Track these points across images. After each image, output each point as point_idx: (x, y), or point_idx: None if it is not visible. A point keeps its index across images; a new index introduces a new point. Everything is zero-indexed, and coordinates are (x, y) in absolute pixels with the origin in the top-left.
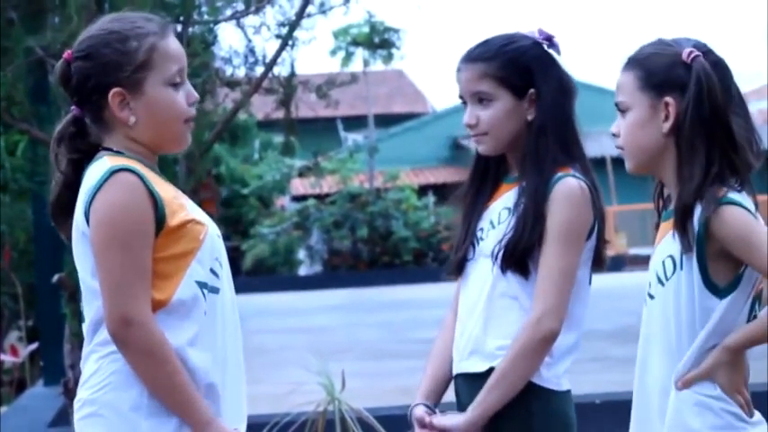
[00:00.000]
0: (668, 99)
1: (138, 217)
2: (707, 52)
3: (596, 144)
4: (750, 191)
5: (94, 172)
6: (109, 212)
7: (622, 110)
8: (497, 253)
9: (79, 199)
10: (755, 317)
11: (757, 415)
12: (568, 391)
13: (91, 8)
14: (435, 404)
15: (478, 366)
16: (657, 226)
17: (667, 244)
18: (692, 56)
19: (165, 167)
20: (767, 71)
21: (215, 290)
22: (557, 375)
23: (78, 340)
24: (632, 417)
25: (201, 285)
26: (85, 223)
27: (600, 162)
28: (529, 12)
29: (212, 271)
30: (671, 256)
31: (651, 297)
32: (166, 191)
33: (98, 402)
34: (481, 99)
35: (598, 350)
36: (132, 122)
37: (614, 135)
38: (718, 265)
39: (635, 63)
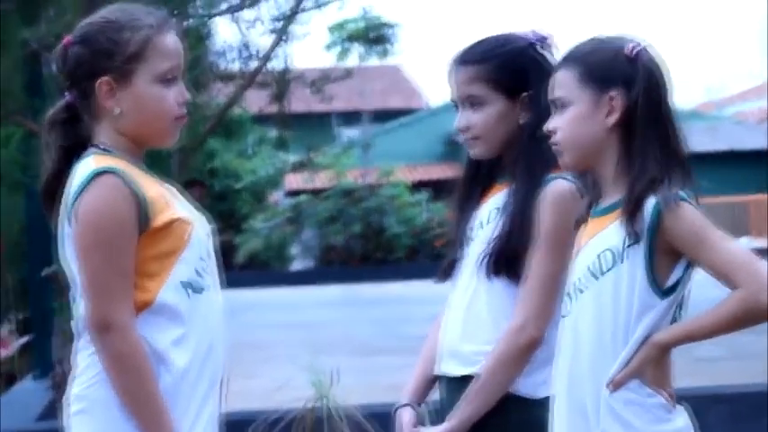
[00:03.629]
0: (612, 93)
1: (119, 219)
2: (646, 47)
3: None
4: (693, 188)
5: (79, 172)
6: (90, 216)
7: (560, 106)
8: (483, 259)
9: (64, 199)
10: (674, 320)
11: (678, 406)
12: (546, 398)
13: (85, 0)
14: (421, 403)
15: (456, 371)
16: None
17: (604, 239)
18: (636, 49)
19: (159, 161)
20: (767, 69)
21: (199, 290)
22: (534, 384)
23: (68, 335)
24: (558, 413)
25: (186, 285)
26: (68, 225)
27: None
28: (524, 5)
29: (197, 271)
30: (610, 250)
31: (580, 291)
32: (151, 189)
33: (88, 399)
34: (473, 102)
35: None
36: (117, 113)
37: (550, 132)
38: (664, 263)
39: (574, 60)
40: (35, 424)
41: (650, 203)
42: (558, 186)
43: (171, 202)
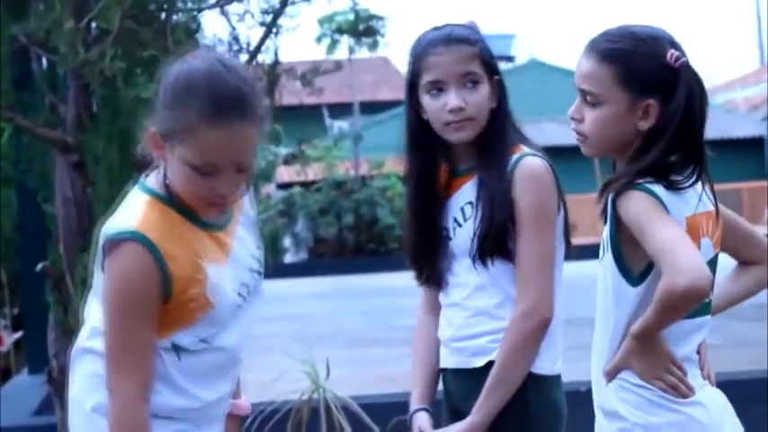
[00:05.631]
0: (650, 101)
1: (138, 299)
2: (677, 48)
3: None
4: (707, 179)
5: (120, 217)
6: (113, 288)
7: (593, 102)
8: (474, 249)
9: (102, 230)
10: None
11: (703, 393)
12: (559, 376)
13: None
14: (432, 404)
15: (475, 363)
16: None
17: (605, 228)
18: (680, 61)
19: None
20: (759, 58)
21: (196, 352)
22: (551, 359)
23: (62, 329)
24: None
25: (177, 348)
26: (101, 256)
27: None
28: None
29: (202, 339)
30: (604, 239)
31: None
32: (183, 256)
33: (72, 397)
34: (474, 81)
35: (582, 337)
36: (162, 165)
37: (574, 119)
38: (633, 250)
39: (611, 57)
40: (31, 418)
41: (610, 192)
42: (531, 163)
43: (204, 278)
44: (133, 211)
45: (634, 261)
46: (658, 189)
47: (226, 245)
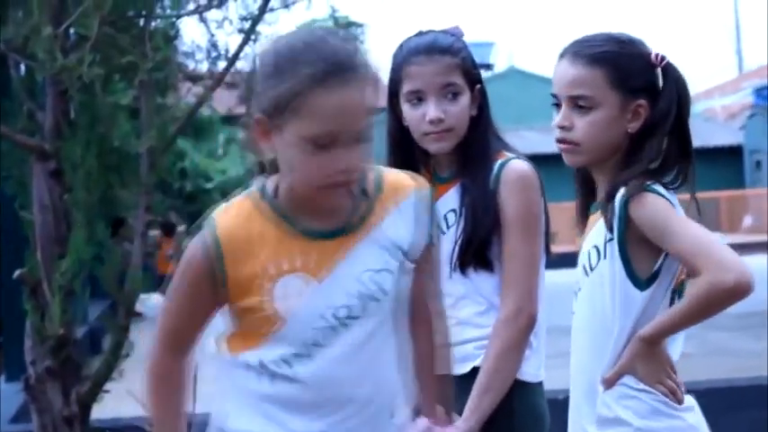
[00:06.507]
0: (641, 102)
1: (186, 278)
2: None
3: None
4: (690, 188)
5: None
6: (182, 258)
7: (587, 106)
8: (455, 257)
9: None
10: None
11: (688, 400)
12: (542, 383)
13: (52, 2)
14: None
15: (460, 369)
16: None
17: (593, 235)
18: (665, 61)
19: (127, 162)
20: (737, 67)
21: (283, 377)
22: (535, 366)
23: (39, 336)
24: (569, 413)
25: (262, 366)
26: None
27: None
28: (486, 5)
29: (284, 359)
30: (595, 246)
31: (579, 289)
32: (252, 263)
33: None
34: (455, 93)
35: (561, 346)
36: (270, 157)
37: (563, 128)
38: (640, 254)
39: (600, 60)
40: (8, 426)
41: (619, 195)
42: (518, 167)
43: (268, 284)
44: (233, 200)
45: (642, 264)
46: (663, 191)
47: (331, 257)
